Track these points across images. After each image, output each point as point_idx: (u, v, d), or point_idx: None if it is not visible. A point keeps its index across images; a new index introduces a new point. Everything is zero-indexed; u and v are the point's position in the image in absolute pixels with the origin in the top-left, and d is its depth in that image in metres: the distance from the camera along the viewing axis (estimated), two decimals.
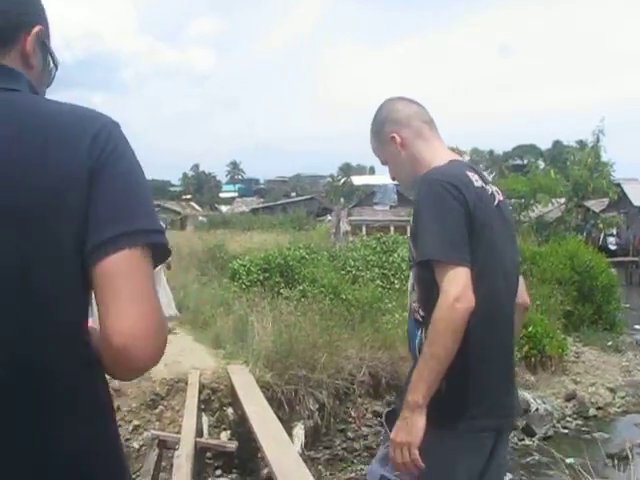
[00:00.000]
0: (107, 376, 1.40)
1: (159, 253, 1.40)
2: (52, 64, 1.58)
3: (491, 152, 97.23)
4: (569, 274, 16.32)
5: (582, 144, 29.88)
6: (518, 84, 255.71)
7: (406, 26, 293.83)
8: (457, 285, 2.22)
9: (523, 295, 2.72)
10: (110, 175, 1.34)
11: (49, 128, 1.34)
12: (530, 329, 12.71)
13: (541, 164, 53.38)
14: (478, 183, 2.45)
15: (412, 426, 2.28)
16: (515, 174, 31.07)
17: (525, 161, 79.58)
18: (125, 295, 1.30)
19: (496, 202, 2.54)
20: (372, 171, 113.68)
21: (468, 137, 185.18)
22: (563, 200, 25.54)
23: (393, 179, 2.86)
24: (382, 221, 42.06)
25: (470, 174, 2.46)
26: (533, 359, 12.65)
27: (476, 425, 2.37)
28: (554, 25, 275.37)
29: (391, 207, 51.55)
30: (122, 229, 1.31)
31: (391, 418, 2.49)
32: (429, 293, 2.36)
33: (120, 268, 1.30)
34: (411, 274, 2.65)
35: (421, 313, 2.49)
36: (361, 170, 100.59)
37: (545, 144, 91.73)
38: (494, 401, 2.42)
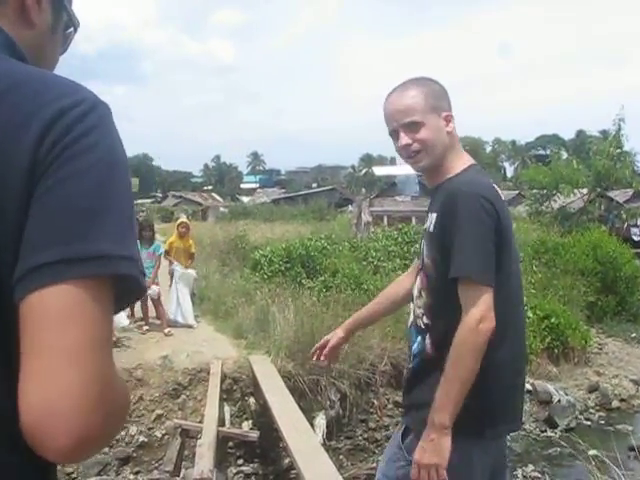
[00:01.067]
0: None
1: (127, 289, 0.96)
2: (70, 26, 1.25)
3: (513, 142, 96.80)
4: (592, 265, 16.19)
5: (605, 134, 29.60)
6: (540, 73, 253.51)
7: (424, 17, 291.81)
8: (482, 307, 2.24)
9: None
10: (64, 174, 0.91)
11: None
12: (553, 320, 12.65)
13: (564, 154, 52.87)
14: (502, 197, 2.47)
15: (440, 447, 2.28)
16: (537, 164, 30.73)
17: (548, 151, 79.05)
18: (50, 351, 0.86)
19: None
20: (393, 162, 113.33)
21: (490, 127, 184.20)
22: (586, 190, 25.28)
23: (405, 146, 2.56)
24: (403, 212, 41.95)
25: (495, 186, 2.48)
26: (556, 350, 12.58)
27: (501, 429, 2.47)
28: (579, 13, 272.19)
29: (413, 197, 51.35)
30: (62, 253, 0.88)
31: (405, 436, 2.56)
32: (438, 303, 2.43)
33: (50, 309, 0.87)
34: (418, 279, 2.63)
35: (425, 320, 2.51)
36: (382, 161, 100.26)
37: (568, 134, 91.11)
38: (512, 403, 2.49)
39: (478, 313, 2.23)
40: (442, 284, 2.39)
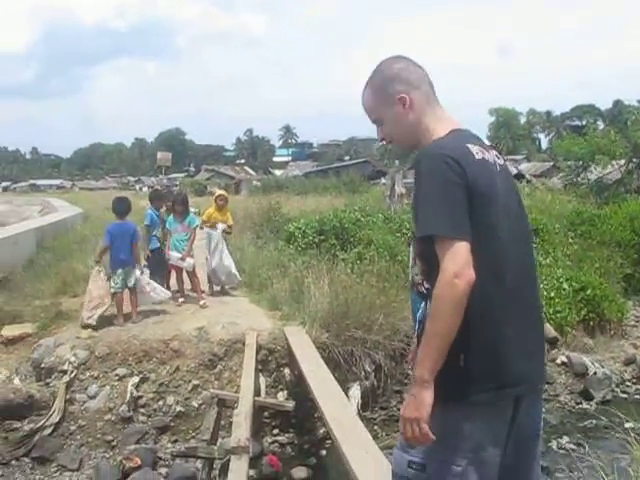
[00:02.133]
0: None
1: None
2: None
3: (548, 113, 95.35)
4: (629, 237, 15.96)
5: None
6: (577, 42, 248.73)
7: None
8: (456, 261, 2.26)
9: None
10: None
11: None
12: (588, 292, 12.54)
13: (600, 125, 52.07)
14: (479, 155, 2.47)
15: (420, 402, 2.33)
16: (573, 135, 30.27)
17: (584, 122, 77.77)
18: None
19: (499, 169, 2.56)
20: None
21: (525, 98, 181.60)
22: (623, 162, 24.86)
23: (382, 140, 2.80)
24: None
25: (470, 146, 2.48)
26: (591, 322, 12.48)
27: (494, 396, 2.39)
28: None
29: None
30: None
31: None
32: (431, 266, 2.40)
33: None
34: (411, 247, 2.71)
35: (425, 285, 2.52)
36: None
37: (605, 104, 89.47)
38: (511, 370, 2.42)
39: (453, 267, 2.26)
40: (426, 248, 2.42)
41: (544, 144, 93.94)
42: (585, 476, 3.86)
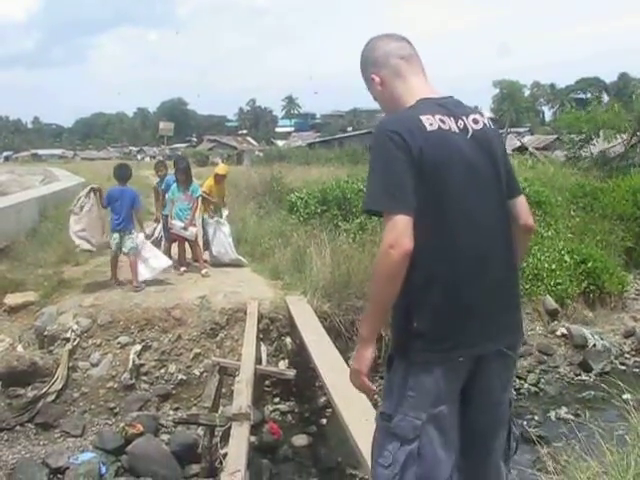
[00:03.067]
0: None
1: None
2: None
3: (552, 86, 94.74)
4: (631, 210, 15.93)
5: None
6: (582, 13, 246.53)
7: None
8: (392, 233, 2.39)
9: (524, 217, 2.80)
10: None
11: None
12: (589, 264, 12.56)
13: (605, 98, 51.69)
14: (433, 126, 2.52)
15: (360, 356, 2.63)
16: (577, 109, 30.04)
17: (588, 95, 77.28)
18: None
19: (470, 134, 2.61)
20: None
21: (529, 69, 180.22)
22: (626, 135, 24.70)
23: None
24: None
25: (425, 117, 2.54)
26: (592, 295, 12.52)
27: (447, 355, 2.54)
28: None
29: None
30: None
31: (389, 363, 2.73)
32: None
33: None
34: None
35: None
36: None
37: (610, 77, 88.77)
38: (464, 332, 2.55)
39: (389, 238, 2.39)
40: None
41: (548, 117, 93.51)
42: (583, 444, 3.89)
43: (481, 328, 2.58)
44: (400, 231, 2.38)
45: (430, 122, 2.53)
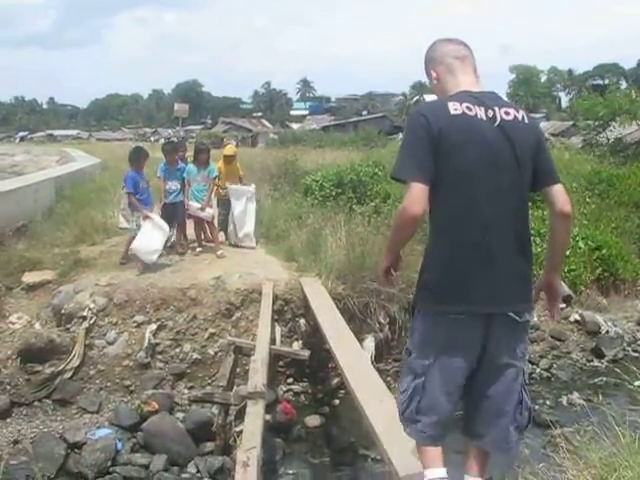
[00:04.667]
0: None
1: None
2: None
3: (570, 71, 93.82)
4: None
5: None
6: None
7: None
8: (408, 198, 2.87)
9: (560, 203, 3.03)
10: None
11: None
12: (604, 251, 12.52)
13: (623, 84, 51.20)
14: (457, 111, 2.92)
15: (383, 262, 3.27)
16: (594, 94, 29.81)
17: (606, 81, 76.55)
18: None
19: (498, 122, 2.95)
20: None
21: (546, 55, 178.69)
22: None
23: None
24: None
25: (452, 103, 2.95)
26: (605, 282, 12.48)
27: (446, 312, 2.95)
28: None
29: None
30: None
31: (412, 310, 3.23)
32: None
33: None
34: None
35: None
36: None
37: (629, 63, 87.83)
38: (469, 291, 2.93)
39: (404, 203, 2.89)
40: None
41: (564, 103, 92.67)
42: (595, 428, 3.94)
43: (484, 291, 2.92)
44: (413, 198, 2.85)
45: (455, 107, 2.92)
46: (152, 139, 73.36)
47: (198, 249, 11.29)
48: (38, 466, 6.62)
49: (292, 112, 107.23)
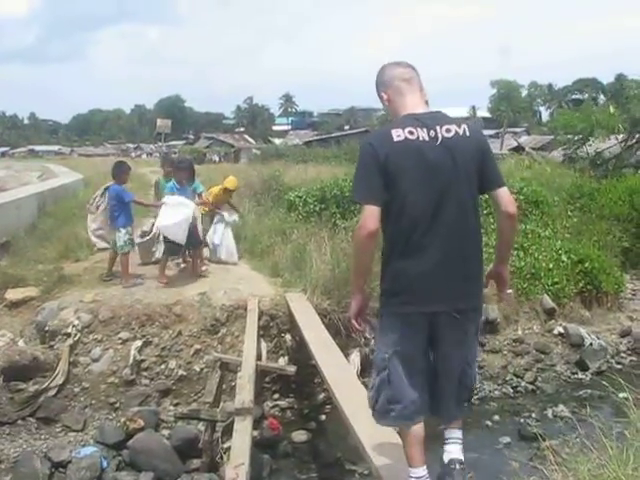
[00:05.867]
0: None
1: None
2: None
3: (550, 86, 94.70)
4: (628, 211, 16.01)
5: None
6: (580, 13, 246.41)
7: None
8: (363, 218, 3.31)
9: (504, 204, 3.43)
10: None
11: None
12: (587, 264, 12.61)
13: (602, 99, 51.69)
14: (400, 137, 3.30)
15: (352, 304, 3.62)
16: (572, 109, 30.04)
17: (585, 95, 77.32)
18: None
19: (439, 141, 3.31)
20: (426, 104, 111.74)
21: (526, 70, 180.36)
22: (622, 136, 24.76)
23: None
24: None
25: (394, 131, 3.32)
26: (588, 294, 12.56)
27: (399, 312, 3.41)
28: None
29: None
30: None
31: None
32: None
33: None
34: None
35: None
36: None
37: (608, 78, 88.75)
38: (415, 294, 3.35)
39: (360, 222, 3.33)
40: None
41: (545, 117, 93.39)
42: (582, 440, 3.97)
43: (430, 292, 3.35)
44: (367, 217, 3.28)
45: (398, 134, 3.31)
46: (134, 154, 73.24)
47: (182, 265, 11.26)
48: None
49: (274, 127, 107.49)
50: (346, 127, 78.51)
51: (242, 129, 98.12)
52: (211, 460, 7.38)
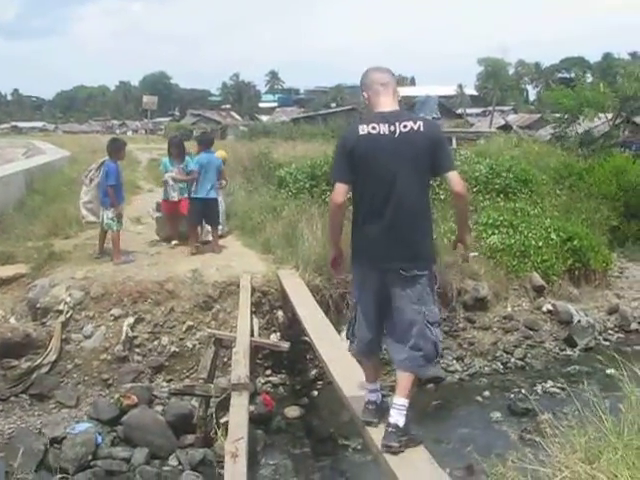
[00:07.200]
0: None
1: None
2: None
3: (537, 65, 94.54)
4: (615, 190, 16.13)
5: (635, 56, 28.83)
6: None
7: None
8: (334, 192, 4.19)
9: (453, 185, 4.12)
10: None
11: None
12: (575, 242, 12.70)
13: (589, 77, 51.61)
14: (364, 132, 4.09)
15: (330, 255, 4.56)
16: (562, 87, 30.03)
17: (572, 74, 77.23)
18: None
19: (397, 134, 4.06)
20: (413, 82, 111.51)
21: (514, 48, 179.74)
22: (611, 115, 24.80)
23: None
24: None
25: (360, 127, 4.13)
26: (577, 272, 12.68)
27: (360, 265, 4.26)
28: None
29: (433, 118, 50.75)
30: None
31: None
32: None
33: None
34: None
35: None
36: (402, 81, 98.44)
37: (594, 57, 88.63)
38: (370, 254, 4.16)
39: (332, 196, 4.23)
40: None
41: (532, 96, 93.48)
42: (577, 414, 4.02)
43: (382, 252, 4.11)
44: (337, 192, 4.15)
45: (362, 129, 4.11)
46: (119, 132, 72.69)
47: (173, 242, 11.25)
48: (17, 462, 6.55)
49: (261, 104, 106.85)
50: (333, 105, 78.12)
51: (228, 106, 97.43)
52: (205, 435, 7.40)
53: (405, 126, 4.09)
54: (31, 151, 29.11)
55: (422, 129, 4.10)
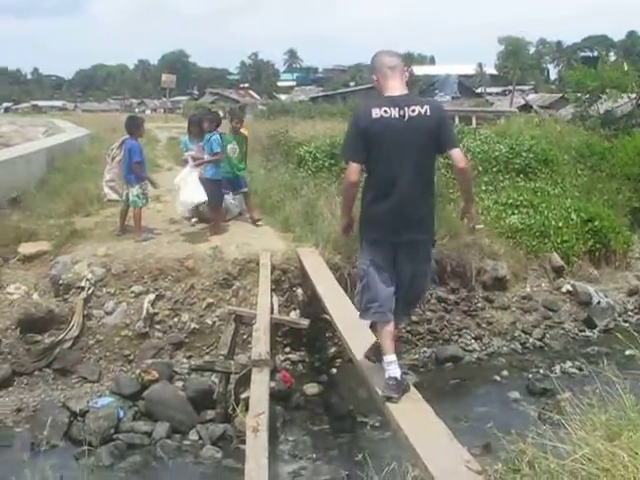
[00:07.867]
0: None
1: None
2: None
3: (559, 43, 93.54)
4: (638, 171, 15.93)
5: None
6: None
7: None
8: (348, 171, 4.51)
9: (456, 162, 4.46)
10: None
11: None
12: (596, 223, 12.60)
13: (612, 56, 51.03)
14: (376, 115, 4.35)
15: (341, 222, 5.02)
16: (584, 66, 29.68)
17: (595, 53, 76.39)
18: None
19: (406, 118, 4.35)
20: (433, 61, 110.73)
21: (535, 25, 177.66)
22: (634, 95, 24.45)
23: None
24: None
25: (373, 109, 4.39)
26: (597, 253, 12.58)
27: (371, 239, 4.62)
28: None
29: (453, 98, 50.47)
30: None
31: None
32: None
33: None
34: None
35: None
36: (422, 60, 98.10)
37: (618, 35, 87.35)
38: (383, 229, 4.51)
39: (346, 174, 4.55)
40: None
41: (552, 75, 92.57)
42: (596, 394, 4.03)
43: (392, 227, 4.47)
44: (351, 171, 4.46)
45: (375, 112, 4.36)
46: (137, 110, 72.76)
47: (194, 219, 11.30)
48: (43, 433, 6.70)
49: (279, 83, 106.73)
50: (351, 83, 77.83)
51: (247, 85, 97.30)
52: (225, 411, 7.48)
53: (413, 110, 4.39)
54: (51, 130, 29.27)
55: (429, 113, 4.42)
